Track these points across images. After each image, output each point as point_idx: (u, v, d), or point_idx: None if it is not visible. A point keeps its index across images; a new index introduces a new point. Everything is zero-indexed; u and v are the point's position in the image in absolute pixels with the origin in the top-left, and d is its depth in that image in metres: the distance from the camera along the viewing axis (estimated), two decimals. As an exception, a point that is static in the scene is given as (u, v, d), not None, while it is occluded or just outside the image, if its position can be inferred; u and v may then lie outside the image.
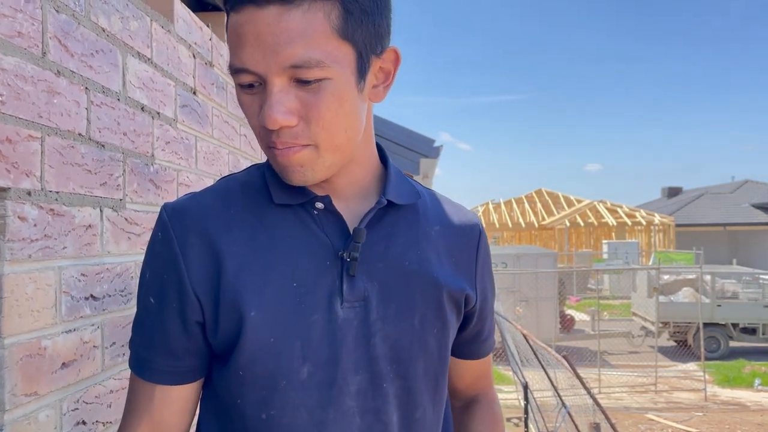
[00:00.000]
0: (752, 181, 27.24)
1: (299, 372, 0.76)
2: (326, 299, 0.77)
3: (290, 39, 0.68)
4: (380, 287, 0.80)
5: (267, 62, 0.69)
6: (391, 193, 0.83)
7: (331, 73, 0.70)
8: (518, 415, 6.53)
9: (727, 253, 22.39)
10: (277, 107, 0.70)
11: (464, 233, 0.90)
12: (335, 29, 0.69)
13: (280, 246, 0.78)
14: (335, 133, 0.73)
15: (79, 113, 1.14)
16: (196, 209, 0.80)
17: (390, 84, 0.81)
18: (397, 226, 0.83)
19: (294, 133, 0.72)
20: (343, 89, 0.72)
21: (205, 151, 1.74)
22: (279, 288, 0.76)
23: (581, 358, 11.16)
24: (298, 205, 0.80)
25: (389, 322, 0.79)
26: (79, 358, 1.12)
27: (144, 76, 1.39)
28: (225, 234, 0.78)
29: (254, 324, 0.75)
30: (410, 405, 0.82)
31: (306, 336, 0.76)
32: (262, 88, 0.72)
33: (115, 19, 1.28)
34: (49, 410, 1.04)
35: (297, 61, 0.68)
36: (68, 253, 1.10)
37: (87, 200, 1.16)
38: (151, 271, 0.80)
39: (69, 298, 1.10)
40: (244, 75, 0.71)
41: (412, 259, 0.82)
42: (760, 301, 12.05)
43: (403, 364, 0.80)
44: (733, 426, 8.00)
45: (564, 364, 4.63)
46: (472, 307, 0.90)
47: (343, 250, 0.78)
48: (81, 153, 1.14)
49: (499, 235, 24.34)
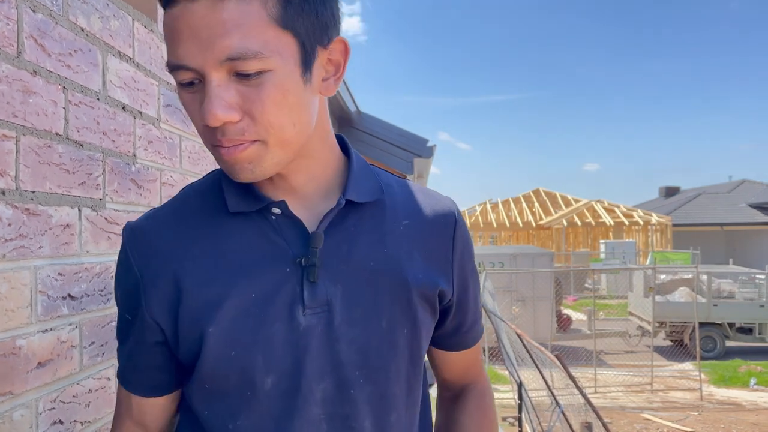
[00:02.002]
0: (749, 181, 27.27)
1: (263, 383, 0.75)
2: (287, 308, 0.75)
3: (225, 30, 0.65)
4: (344, 290, 0.77)
5: (203, 56, 0.66)
6: (353, 191, 0.80)
7: (271, 65, 0.67)
8: (514, 414, 6.53)
9: (724, 252, 22.41)
10: (217, 102, 0.67)
11: (438, 224, 0.86)
12: (273, 18, 0.67)
13: (237, 257, 0.76)
14: (282, 127, 0.70)
15: (56, 113, 1.13)
16: (154, 229, 0.79)
17: (340, 76, 0.77)
18: (361, 225, 0.81)
19: (239, 129, 0.69)
20: (286, 81, 0.69)
21: (189, 151, 1.74)
22: (238, 300, 0.74)
23: (578, 357, 11.17)
24: (254, 213, 0.78)
25: (355, 325, 0.77)
26: (55, 358, 1.12)
27: (125, 75, 1.39)
28: (182, 251, 0.77)
29: (213, 340, 0.74)
30: (383, 409, 0.79)
31: (267, 347, 0.75)
32: (203, 86, 0.68)
33: (94, 18, 1.27)
34: (23, 409, 1.04)
35: (233, 53, 0.65)
36: (44, 252, 1.10)
37: (64, 200, 1.16)
38: (119, 290, 0.82)
39: (45, 297, 1.10)
40: (182, 72, 0.68)
41: (377, 259, 0.79)
42: (757, 300, 12.06)
43: (372, 368, 0.78)
44: (728, 425, 8.01)
45: (557, 364, 4.63)
46: (449, 300, 0.87)
47: (301, 257, 0.76)
48: (58, 152, 1.14)
49: (497, 235, 24.36)
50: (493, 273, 11.18)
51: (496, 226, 23.59)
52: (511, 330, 6.60)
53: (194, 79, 0.69)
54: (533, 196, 25.84)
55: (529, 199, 25.55)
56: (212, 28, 0.65)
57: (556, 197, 25.42)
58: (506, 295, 11.54)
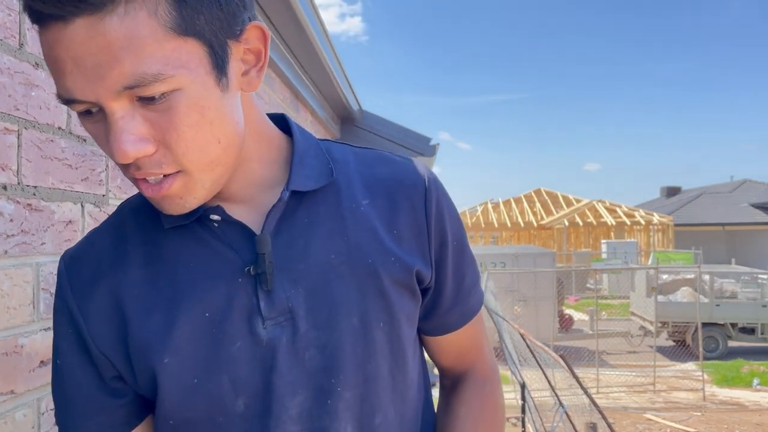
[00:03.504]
0: (751, 181, 27.24)
1: (234, 406, 0.68)
2: (245, 323, 0.67)
3: (113, 56, 0.54)
4: (306, 292, 0.69)
5: (94, 89, 0.56)
6: (297, 179, 0.71)
7: (177, 83, 0.57)
8: (516, 414, 6.51)
9: (726, 252, 22.38)
10: (125, 137, 0.57)
11: (405, 195, 0.75)
12: (168, 26, 0.56)
13: (183, 275, 0.68)
14: (205, 150, 0.61)
15: (59, 106, 1.11)
16: (91, 255, 0.72)
17: (263, 65, 0.67)
18: (315, 214, 0.71)
19: (155, 161, 0.60)
20: (199, 97, 0.59)
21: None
22: (190, 323, 0.67)
23: (580, 357, 11.15)
24: (193, 223, 0.70)
25: (323, 328, 0.69)
26: (58, 357, 1.10)
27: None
28: (123, 276, 0.70)
29: (170, 370, 0.66)
30: (366, 413, 0.72)
31: (232, 368, 0.67)
32: (104, 114, 0.59)
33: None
34: (26, 409, 1.01)
35: (128, 82, 0.55)
36: (47, 249, 1.07)
37: (67, 195, 1.13)
38: (57, 332, 0.72)
39: (48, 295, 1.08)
40: (76, 104, 0.58)
41: (338, 251, 0.70)
42: (759, 300, 12.04)
43: (349, 373, 0.70)
44: (731, 426, 7.98)
45: (561, 364, 4.61)
46: (429, 280, 0.77)
47: (251, 265, 0.68)
48: (61, 147, 1.12)
49: (498, 235, 24.34)
50: (495, 273, 11.16)
51: (497, 226, 23.58)
52: (513, 330, 6.59)
53: (91, 108, 0.59)
54: (534, 195, 25.83)
55: (530, 199, 25.53)
56: (96, 55, 0.54)
57: (558, 197, 25.40)
58: (508, 295, 11.52)
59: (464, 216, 24.06)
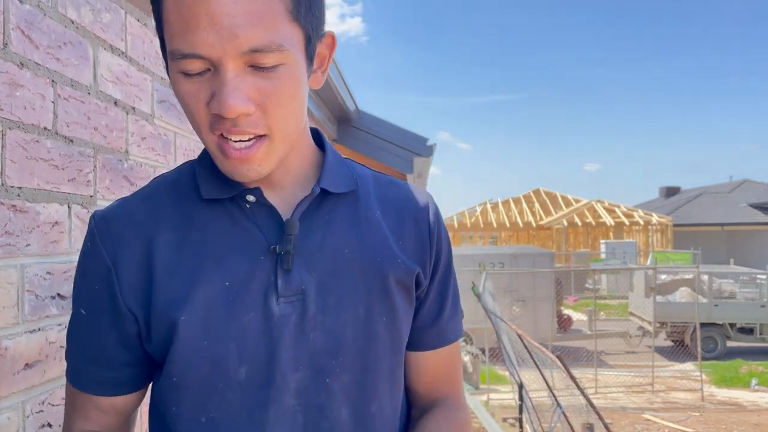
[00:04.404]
0: (750, 181, 27.23)
1: (236, 373, 0.73)
2: (261, 296, 0.74)
3: (249, 21, 0.63)
4: (319, 278, 0.76)
5: (223, 46, 0.64)
6: (327, 180, 0.79)
7: (287, 58, 0.67)
8: (514, 415, 6.50)
9: (725, 252, 22.37)
10: (236, 93, 0.65)
11: (412, 214, 0.85)
12: (289, 11, 0.66)
13: (210, 244, 0.75)
14: (288, 121, 0.70)
15: (45, 107, 1.10)
16: (124, 216, 0.77)
17: (326, 69, 0.78)
18: (335, 213, 0.80)
19: (251, 121, 0.68)
20: (298, 74, 0.69)
21: (185, 148, 1.71)
22: (210, 289, 0.73)
23: (578, 358, 11.14)
24: (228, 200, 0.77)
25: (330, 314, 0.75)
26: (44, 359, 1.09)
27: (117, 69, 1.36)
28: (154, 238, 0.75)
29: (185, 328, 0.72)
30: (363, 399, 0.77)
31: (241, 336, 0.73)
32: (210, 75, 0.67)
33: (85, 11, 1.24)
34: (10, 412, 1.01)
35: (257, 45, 0.64)
36: (32, 250, 1.07)
37: (53, 196, 1.12)
38: (83, 285, 0.77)
39: (33, 296, 1.07)
40: (191, 61, 0.65)
41: (352, 246, 0.78)
42: (758, 300, 12.03)
43: (349, 358, 0.76)
44: (729, 426, 7.97)
45: (558, 364, 4.60)
46: (423, 289, 0.85)
47: (276, 244, 0.74)
48: (47, 148, 1.11)
49: (497, 235, 24.33)
50: (494, 273, 11.14)
51: (497, 227, 23.56)
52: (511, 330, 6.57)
53: (204, 69, 0.66)
54: (533, 196, 25.81)
55: (529, 200, 25.52)
56: (235, 17, 0.63)
57: (557, 197, 25.38)
58: (506, 296, 11.50)
59: (463, 216, 24.05)
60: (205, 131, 0.70)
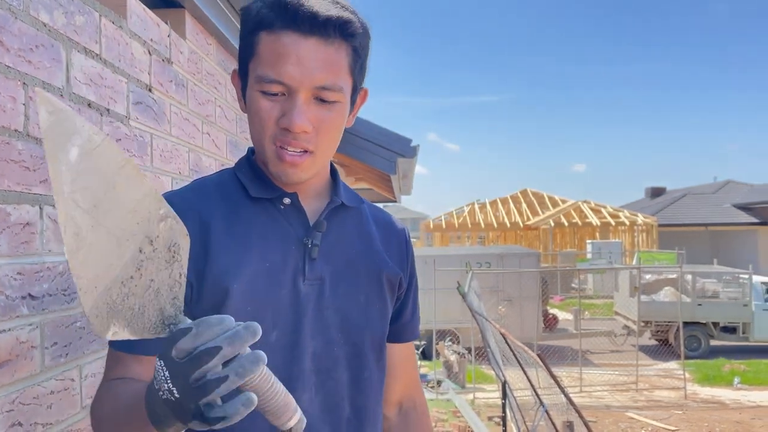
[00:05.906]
0: (734, 182, 27.54)
1: (269, 336, 0.90)
2: (292, 277, 0.95)
3: (324, 66, 0.88)
4: (333, 270, 0.98)
5: (302, 79, 0.88)
6: (342, 196, 1.03)
7: (341, 98, 0.92)
8: (499, 414, 6.54)
9: (709, 252, 22.59)
10: (304, 116, 0.89)
11: (395, 234, 1.12)
12: (348, 65, 0.92)
13: (254, 233, 0.95)
14: (330, 145, 0.95)
15: (16, 109, 1.11)
16: (181, 200, 0.92)
17: (356, 114, 1.03)
18: (345, 222, 1.03)
19: (307, 138, 0.91)
20: (344, 112, 0.95)
21: (161, 149, 1.72)
22: (255, 266, 0.92)
23: (564, 357, 11.22)
24: (267, 201, 0.98)
25: (339, 298, 0.98)
26: (14, 359, 1.10)
27: (91, 72, 1.37)
28: (209, 221, 0.93)
29: (236, 295, 0.90)
30: (358, 366, 1.00)
31: (276, 306, 0.93)
32: (285, 98, 0.90)
33: (58, 14, 1.25)
34: (-21, 412, 1.01)
35: (327, 84, 0.89)
36: (2, 251, 1.07)
37: (24, 198, 1.13)
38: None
39: (3, 297, 1.08)
40: (275, 85, 0.89)
41: (357, 249, 1.03)
42: (740, 300, 12.19)
43: (352, 332, 0.99)
44: (711, 424, 8.07)
45: (539, 363, 4.64)
46: (400, 292, 1.10)
47: (306, 238, 0.97)
48: (18, 149, 1.12)
49: (485, 235, 24.43)
50: (480, 273, 11.19)
51: (484, 227, 23.65)
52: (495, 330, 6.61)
53: (281, 93, 0.90)
54: (521, 196, 25.93)
55: (516, 200, 25.63)
56: (315, 61, 0.88)
57: (544, 198, 25.52)
58: (493, 295, 11.55)
59: (451, 216, 24.12)
60: (267, 140, 0.92)
